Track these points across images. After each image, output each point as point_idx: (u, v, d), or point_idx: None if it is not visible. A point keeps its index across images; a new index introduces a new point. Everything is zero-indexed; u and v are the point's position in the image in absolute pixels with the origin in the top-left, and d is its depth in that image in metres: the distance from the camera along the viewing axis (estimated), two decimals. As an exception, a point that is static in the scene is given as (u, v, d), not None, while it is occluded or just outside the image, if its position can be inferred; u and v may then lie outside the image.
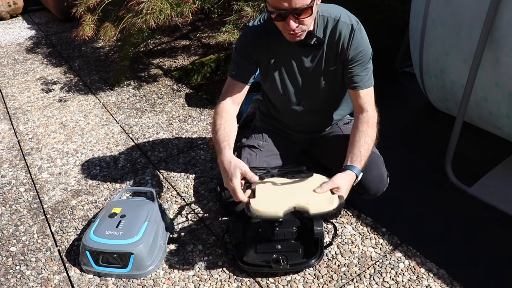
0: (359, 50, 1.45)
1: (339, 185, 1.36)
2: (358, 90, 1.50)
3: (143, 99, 2.84)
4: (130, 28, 2.48)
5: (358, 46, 1.45)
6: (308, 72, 1.55)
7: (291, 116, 1.71)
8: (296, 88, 1.59)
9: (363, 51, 1.46)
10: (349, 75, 1.50)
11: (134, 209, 1.64)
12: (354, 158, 1.41)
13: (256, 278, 1.51)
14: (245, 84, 1.57)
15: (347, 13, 1.47)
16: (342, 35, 1.44)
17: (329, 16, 1.45)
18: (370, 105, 1.51)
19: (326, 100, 1.64)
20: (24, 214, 1.89)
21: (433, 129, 2.39)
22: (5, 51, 3.84)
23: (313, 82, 1.57)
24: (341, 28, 1.44)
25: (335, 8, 1.48)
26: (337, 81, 1.56)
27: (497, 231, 1.69)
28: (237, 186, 1.34)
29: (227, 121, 1.50)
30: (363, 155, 1.42)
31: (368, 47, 1.48)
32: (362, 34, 1.45)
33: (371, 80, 1.52)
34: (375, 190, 1.55)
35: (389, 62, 3.05)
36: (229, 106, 1.55)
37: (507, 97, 1.87)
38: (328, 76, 1.55)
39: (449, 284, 1.45)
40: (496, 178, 1.96)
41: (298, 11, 1.27)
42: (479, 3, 1.82)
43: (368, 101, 1.50)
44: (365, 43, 1.47)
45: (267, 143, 1.74)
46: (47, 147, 2.38)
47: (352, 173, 1.39)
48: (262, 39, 1.51)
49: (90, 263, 1.53)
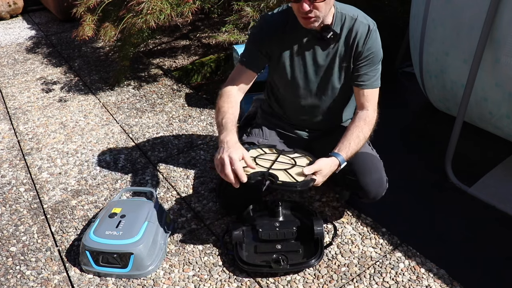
0: (372, 50, 1.49)
1: (321, 168, 1.38)
2: (363, 89, 1.53)
3: (143, 99, 2.84)
4: (130, 28, 2.48)
5: (372, 47, 1.48)
6: (320, 66, 1.56)
7: (295, 111, 1.70)
8: (306, 80, 1.59)
9: (375, 52, 1.50)
10: (357, 73, 1.52)
11: (134, 209, 1.64)
12: (342, 147, 1.44)
13: (256, 278, 1.51)
14: (254, 73, 1.58)
15: (364, 14, 1.51)
16: (358, 34, 1.47)
17: (347, 14, 1.48)
18: (372, 105, 1.53)
19: (334, 97, 1.64)
20: (24, 214, 1.89)
21: (433, 129, 2.39)
22: (5, 51, 3.84)
23: (324, 77, 1.58)
24: (358, 27, 1.47)
25: (353, 8, 1.52)
26: (347, 79, 1.58)
27: (497, 231, 1.69)
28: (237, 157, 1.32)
29: (233, 106, 1.52)
30: (351, 147, 1.45)
31: (380, 50, 1.52)
32: (377, 36, 1.50)
33: (378, 82, 1.54)
34: (374, 194, 1.55)
35: (389, 62, 3.04)
36: (235, 91, 1.56)
37: (507, 97, 1.87)
38: (340, 73, 1.56)
39: (449, 284, 1.45)
40: (496, 178, 1.96)
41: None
42: (479, 3, 1.82)
43: (370, 101, 1.53)
44: (379, 45, 1.51)
45: (267, 140, 1.74)
46: (47, 147, 2.38)
47: (336, 159, 1.41)
48: (277, 29, 1.52)
49: (90, 263, 1.53)
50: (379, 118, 1.55)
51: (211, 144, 2.31)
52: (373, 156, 1.58)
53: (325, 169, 1.39)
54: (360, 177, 1.52)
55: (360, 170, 1.52)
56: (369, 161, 1.55)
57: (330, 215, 1.77)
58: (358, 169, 1.52)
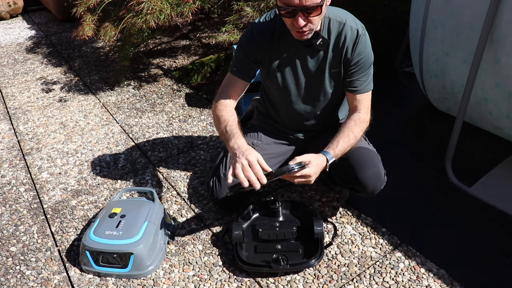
0: (362, 55, 1.48)
1: (310, 159, 1.37)
2: (355, 94, 1.53)
3: (143, 99, 2.84)
4: (130, 28, 2.48)
5: (361, 52, 1.47)
6: (311, 73, 1.55)
7: (290, 116, 1.71)
8: (297, 87, 1.60)
9: (365, 57, 1.49)
10: (348, 79, 1.52)
11: (134, 209, 1.64)
12: (331, 146, 1.45)
13: (256, 278, 1.51)
14: (245, 82, 1.59)
15: (353, 18, 1.49)
16: (347, 39, 1.46)
17: (335, 18, 1.46)
18: (364, 108, 1.54)
19: (327, 102, 1.64)
20: (24, 214, 1.89)
21: (433, 129, 2.39)
22: (5, 51, 3.84)
23: (315, 84, 1.58)
24: (346, 32, 1.46)
25: (341, 12, 1.50)
26: (338, 84, 1.58)
27: (497, 231, 1.69)
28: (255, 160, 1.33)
29: (233, 114, 1.54)
30: (340, 144, 1.45)
31: (371, 54, 1.51)
32: (366, 40, 1.48)
33: (370, 85, 1.54)
34: (372, 188, 1.55)
35: (389, 62, 3.05)
36: (229, 101, 1.57)
37: (507, 97, 1.87)
38: (330, 78, 1.56)
39: (449, 284, 1.45)
40: (496, 178, 1.96)
41: (308, 8, 1.28)
42: (479, 3, 1.82)
43: (363, 104, 1.54)
44: (368, 49, 1.49)
45: (261, 142, 1.75)
46: (47, 147, 2.38)
47: (323, 156, 1.42)
48: (267, 37, 1.51)
49: (90, 263, 1.53)
50: (380, 118, 1.55)
51: (211, 144, 2.31)
52: (370, 151, 1.58)
53: (313, 161, 1.37)
54: (358, 172, 1.52)
55: (357, 165, 1.53)
56: (366, 156, 1.55)
57: (330, 215, 1.77)
58: (355, 163, 1.53)
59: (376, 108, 1.61)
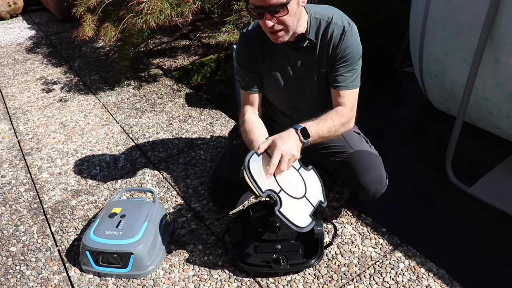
0: (348, 51, 1.43)
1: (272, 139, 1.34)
2: (339, 90, 1.47)
3: (143, 99, 2.84)
4: (130, 28, 2.48)
5: (347, 48, 1.43)
6: (302, 76, 1.54)
7: (287, 118, 1.71)
8: (289, 92, 1.59)
9: (352, 52, 1.44)
10: (333, 74, 1.47)
11: (134, 209, 1.64)
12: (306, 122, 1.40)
13: (256, 278, 1.51)
14: (256, 92, 1.59)
15: (340, 14, 1.46)
16: (333, 36, 1.43)
17: (321, 17, 1.44)
18: (348, 105, 1.47)
19: (320, 103, 1.63)
20: (24, 214, 1.89)
21: (433, 129, 2.39)
22: (5, 51, 3.84)
23: (307, 86, 1.56)
24: (332, 29, 1.42)
25: (328, 9, 1.47)
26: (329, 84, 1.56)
27: (497, 231, 1.69)
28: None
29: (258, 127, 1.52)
30: (315, 122, 1.40)
31: (358, 49, 1.46)
32: (353, 36, 1.43)
33: (356, 82, 1.48)
34: (374, 191, 1.54)
35: (389, 62, 3.05)
36: (252, 114, 1.58)
37: (507, 97, 1.87)
38: (321, 79, 1.53)
39: (449, 284, 1.45)
40: (496, 178, 1.96)
41: (273, 8, 1.27)
42: (479, 3, 1.82)
43: (347, 101, 1.47)
44: (355, 45, 1.45)
45: None
46: (47, 147, 2.38)
47: (292, 129, 1.37)
48: (257, 45, 1.51)
49: (90, 263, 1.53)
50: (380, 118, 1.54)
51: (211, 144, 2.31)
52: (371, 154, 1.57)
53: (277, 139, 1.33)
54: (359, 176, 1.51)
55: (358, 168, 1.52)
56: (367, 159, 1.54)
57: (330, 215, 1.77)
58: (357, 167, 1.52)
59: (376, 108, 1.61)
